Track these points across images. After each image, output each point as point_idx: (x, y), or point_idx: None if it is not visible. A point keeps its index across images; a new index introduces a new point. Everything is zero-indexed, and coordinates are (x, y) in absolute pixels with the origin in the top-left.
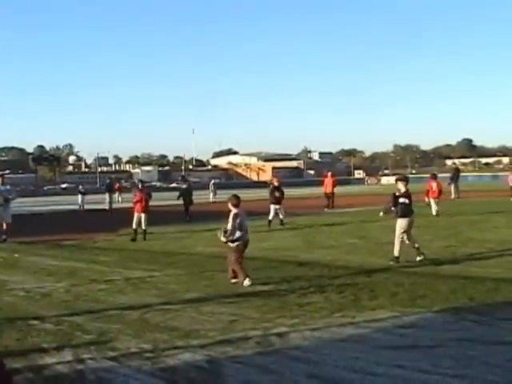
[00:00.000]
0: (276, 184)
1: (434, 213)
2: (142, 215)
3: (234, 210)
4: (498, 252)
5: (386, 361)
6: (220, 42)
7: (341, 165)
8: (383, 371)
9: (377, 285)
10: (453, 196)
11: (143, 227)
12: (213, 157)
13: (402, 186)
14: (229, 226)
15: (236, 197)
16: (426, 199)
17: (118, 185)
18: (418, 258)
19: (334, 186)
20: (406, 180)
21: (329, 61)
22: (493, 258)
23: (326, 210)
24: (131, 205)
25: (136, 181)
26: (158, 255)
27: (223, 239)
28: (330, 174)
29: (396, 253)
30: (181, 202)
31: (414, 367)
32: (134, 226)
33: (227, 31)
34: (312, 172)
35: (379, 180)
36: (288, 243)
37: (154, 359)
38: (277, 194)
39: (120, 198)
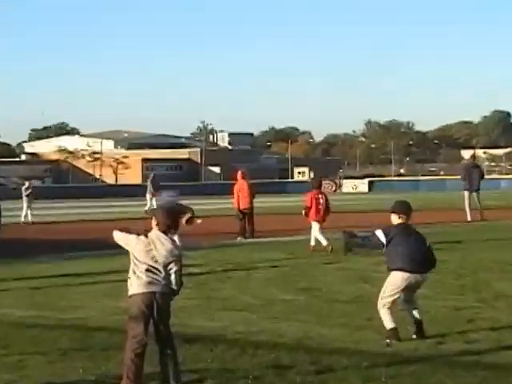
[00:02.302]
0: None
1: (312, 243)
2: None
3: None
4: None
5: None
6: None
7: (268, 158)
8: None
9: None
10: (469, 216)
11: None
12: (30, 139)
13: (397, 220)
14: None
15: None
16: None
17: None
18: (414, 336)
19: (251, 197)
20: (406, 212)
21: None
22: None
23: (239, 239)
24: None
25: None
26: None
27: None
28: (240, 174)
29: (389, 323)
30: None
31: None
32: None
33: None
34: (217, 170)
35: (338, 186)
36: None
37: None
38: None
39: None
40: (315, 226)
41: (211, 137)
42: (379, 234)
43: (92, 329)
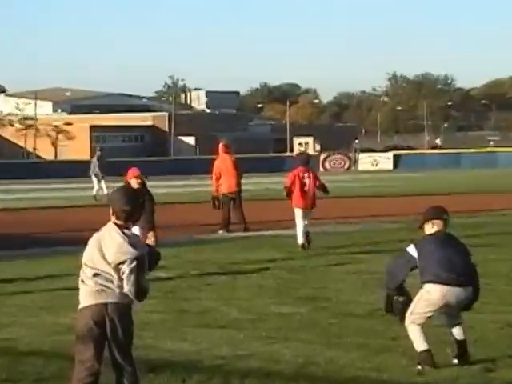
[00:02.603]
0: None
1: None
2: None
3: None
4: None
5: None
6: None
7: (260, 125)
8: None
9: None
10: None
11: None
12: None
13: (431, 228)
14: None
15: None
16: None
17: None
18: (455, 360)
19: (238, 177)
20: (440, 216)
21: None
22: None
23: (221, 232)
24: None
25: None
26: None
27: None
28: (222, 147)
29: (420, 344)
30: None
31: None
32: None
33: None
34: (191, 140)
35: (352, 162)
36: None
37: None
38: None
39: None
40: (298, 214)
41: (183, 97)
42: (411, 249)
43: (23, 353)
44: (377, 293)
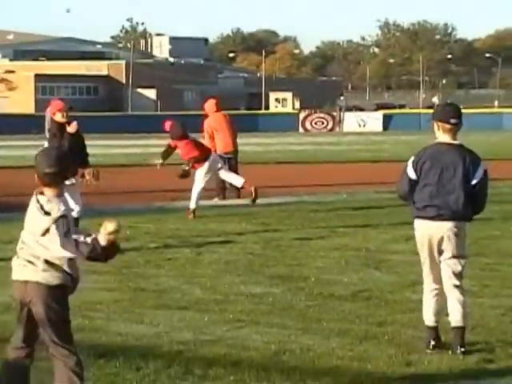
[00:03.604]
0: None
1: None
2: None
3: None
4: None
5: None
6: None
7: (231, 77)
8: None
9: None
10: None
11: None
12: None
13: (437, 133)
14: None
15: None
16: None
17: None
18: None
19: (234, 136)
20: (450, 122)
21: None
22: None
23: (216, 199)
24: None
25: None
26: None
27: None
28: (214, 104)
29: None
30: None
31: None
32: None
33: None
34: (151, 94)
35: (337, 121)
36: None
37: None
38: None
39: None
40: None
41: (143, 43)
42: (410, 170)
43: None
44: (361, 271)
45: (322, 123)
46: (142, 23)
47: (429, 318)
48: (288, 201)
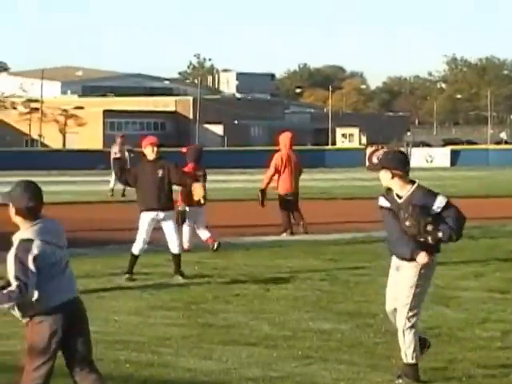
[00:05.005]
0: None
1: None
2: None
3: (26, 229)
4: None
5: None
6: None
7: (297, 113)
8: None
9: None
10: None
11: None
12: None
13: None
14: (10, 277)
15: (29, 188)
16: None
17: None
18: None
19: (298, 179)
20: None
21: None
22: None
23: (284, 235)
24: None
25: None
26: None
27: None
28: (290, 138)
29: (410, 355)
30: None
31: None
32: None
33: None
34: (218, 129)
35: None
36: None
37: None
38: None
39: None
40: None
41: (210, 79)
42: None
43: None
44: (431, 309)
45: None
46: (210, 59)
47: None
48: (356, 236)
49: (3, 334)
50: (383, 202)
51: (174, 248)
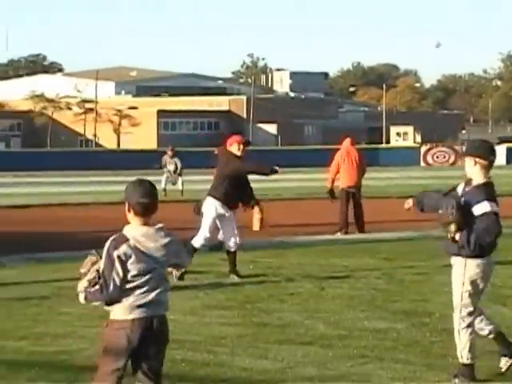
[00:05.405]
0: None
1: None
2: None
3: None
4: None
5: None
6: None
7: (351, 111)
8: None
9: None
10: None
11: None
12: None
13: (474, 170)
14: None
15: (142, 184)
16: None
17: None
18: (504, 362)
19: (360, 173)
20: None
21: None
22: None
23: (339, 234)
24: None
25: None
26: None
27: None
28: (349, 140)
29: (466, 356)
30: None
31: None
32: None
33: None
34: (272, 129)
35: (459, 155)
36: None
37: None
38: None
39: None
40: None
41: (264, 78)
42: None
43: (82, 368)
44: (488, 308)
45: (444, 157)
46: (263, 58)
47: None
48: (411, 235)
49: (59, 334)
50: (459, 188)
51: (231, 245)
